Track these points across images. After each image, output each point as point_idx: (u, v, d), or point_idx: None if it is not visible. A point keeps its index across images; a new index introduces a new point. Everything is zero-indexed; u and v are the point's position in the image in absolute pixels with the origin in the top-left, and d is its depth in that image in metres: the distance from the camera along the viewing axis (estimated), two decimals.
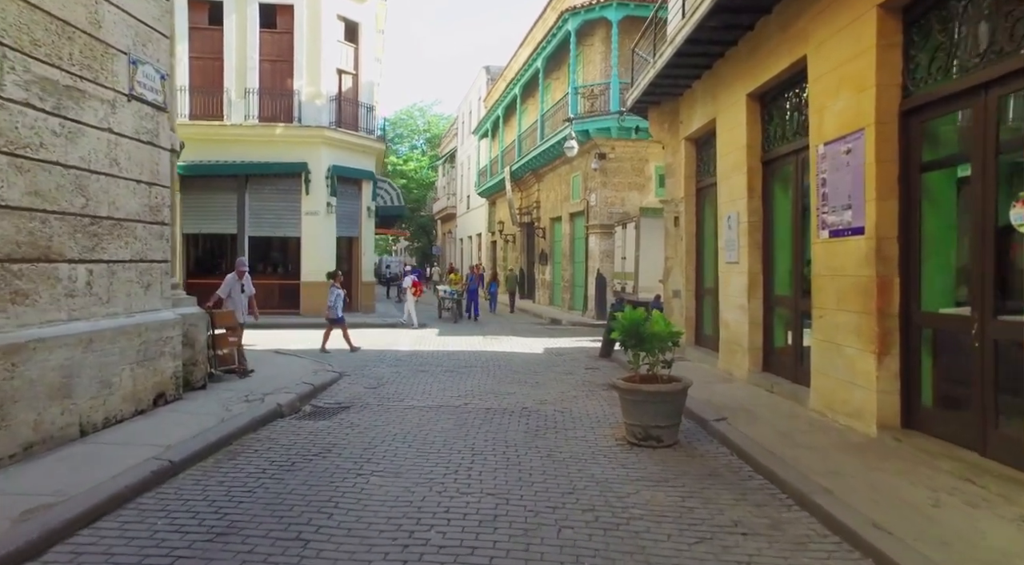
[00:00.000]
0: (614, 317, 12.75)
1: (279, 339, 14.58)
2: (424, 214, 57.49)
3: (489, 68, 38.90)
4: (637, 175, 19.04)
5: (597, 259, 19.26)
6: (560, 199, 22.78)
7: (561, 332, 17.16)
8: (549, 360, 12.11)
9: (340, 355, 12.01)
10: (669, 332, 6.12)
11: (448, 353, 12.78)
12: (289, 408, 7.50)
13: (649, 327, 6.18)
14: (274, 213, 18.94)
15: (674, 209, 12.06)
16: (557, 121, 21.13)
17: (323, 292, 18.26)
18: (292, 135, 18.68)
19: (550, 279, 24.37)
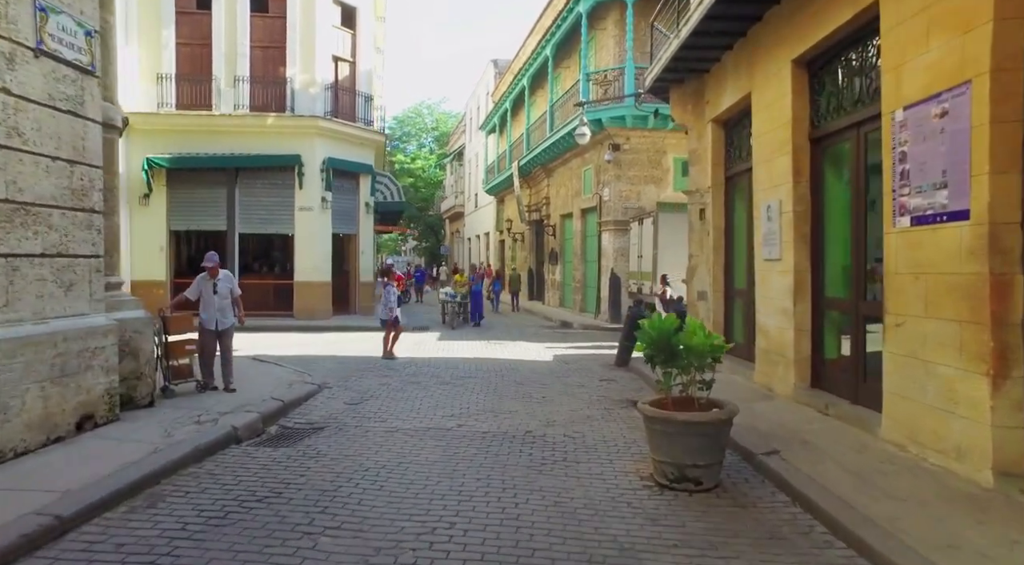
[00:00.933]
0: (636, 324, 11.48)
1: (267, 344, 13.39)
2: (432, 213, 56.39)
3: (497, 62, 37.67)
4: (654, 167, 17.72)
5: (611, 258, 17.95)
6: (571, 194, 21.50)
7: (572, 336, 15.87)
8: (558, 369, 10.84)
9: (355, 362, 10.80)
10: (710, 345, 4.83)
11: (446, 361, 11.53)
12: (248, 431, 6.27)
13: (684, 338, 4.89)
14: (266, 208, 17.78)
15: (699, 200, 10.75)
16: (567, 111, 19.84)
17: (317, 293, 17.12)
18: (284, 125, 17.51)
19: (560, 279, 23.09)
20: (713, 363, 4.92)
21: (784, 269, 7.55)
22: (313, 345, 13.61)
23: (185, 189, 17.49)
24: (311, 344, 13.81)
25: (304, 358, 11.54)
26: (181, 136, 17.09)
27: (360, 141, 19.04)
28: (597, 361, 11.81)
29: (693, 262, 10.90)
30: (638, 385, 9.46)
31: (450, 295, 18.02)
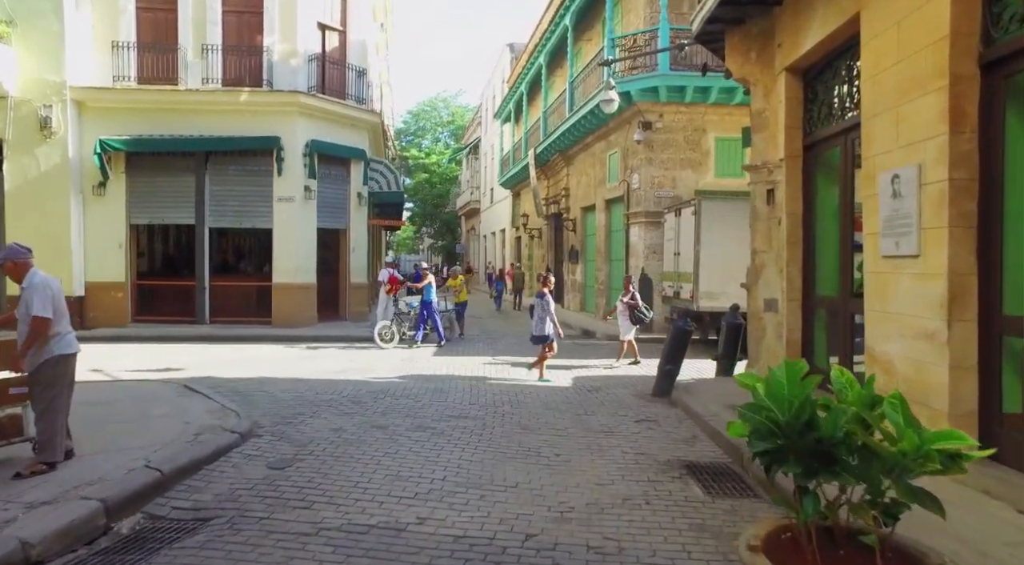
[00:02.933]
0: (680, 342, 8.83)
1: (226, 359, 11.06)
2: (448, 210, 54.04)
3: (513, 46, 35.10)
4: (692, 149, 15.03)
5: (640, 256, 15.30)
6: (594, 183, 18.86)
7: (595, 350, 13.25)
8: (579, 400, 8.26)
9: (319, 388, 8.32)
10: (936, 449, 2.20)
11: (435, 387, 8.99)
12: (61, 541, 3.79)
13: (864, 436, 2.28)
14: (240, 199, 15.41)
15: (766, 179, 8.09)
16: (589, 88, 17.23)
17: (299, 297, 14.71)
18: (260, 102, 15.12)
19: (581, 280, 20.46)
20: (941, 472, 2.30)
21: (926, 270, 4.90)
22: (281, 361, 11.19)
23: (147, 177, 15.19)
24: (280, 359, 11.40)
25: (255, 382, 9.11)
26: (141, 115, 14.78)
27: (351, 121, 16.59)
28: (628, 387, 9.22)
29: (758, 260, 8.24)
30: (689, 431, 6.85)
31: (410, 305, 14.08)
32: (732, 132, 14.85)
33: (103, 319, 14.87)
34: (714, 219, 12.08)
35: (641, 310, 11.10)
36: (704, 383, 8.84)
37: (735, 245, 11.77)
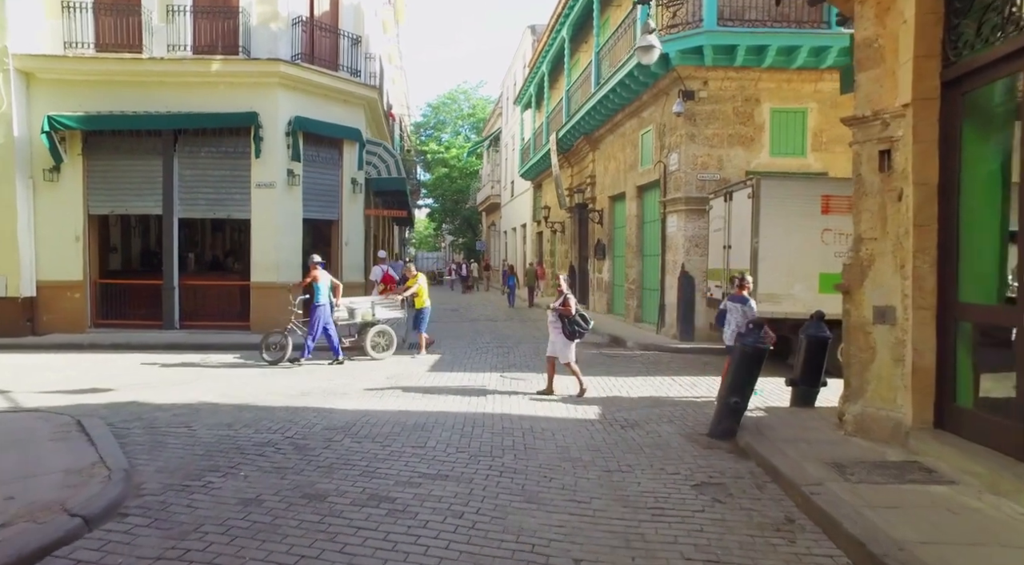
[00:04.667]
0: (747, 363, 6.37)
1: (172, 378, 8.90)
2: (469, 206, 51.96)
3: (535, 28, 32.82)
4: (743, 123, 12.58)
5: (680, 250, 12.91)
6: (623, 168, 16.49)
7: (627, 363, 10.91)
8: (609, 446, 5.97)
9: (264, 422, 6.16)
10: None
11: (416, 422, 6.73)
12: None
13: None
14: (213, 185, 13.35)
15: (877, 135, 5.69)
16: (619, 55, 14.86)
17: (280, 299, 12.57)
18: (235, 72, 13.04)
19: (609, 279, 18.09)
20: None
21: None
22: (241, 378, 9.08)
23: (107, 160, 13.20)
24: (241, 375, 9.29)
25: (187, 410, 7.00)
26: (99, 88, 12.79)
27: (343, 97, 14.45)
28: (675, 421, 6.90)
29: (864, 252, 5.83)
30: (778, 508, 4.51)
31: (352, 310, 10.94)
32: (791, 102, 12.43)
33: (58, 324, 12.94)
34: (777, 204, 9.66)
35: (576, 321, 8.08)
36: (779, 419, 6.47)
37: (803, 236, 9.43)
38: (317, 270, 10.33)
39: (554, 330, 8.27)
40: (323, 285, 10.29)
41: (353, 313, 10.79)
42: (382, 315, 11.02)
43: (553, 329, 8.28)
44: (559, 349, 8.21)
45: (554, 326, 8.25)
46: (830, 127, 12.30)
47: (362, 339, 10.89)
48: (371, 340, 10.83)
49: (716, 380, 9.25)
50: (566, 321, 8.12)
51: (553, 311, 8.25)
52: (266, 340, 10.50)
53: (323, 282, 10.30)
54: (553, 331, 8.28)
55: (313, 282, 10.22)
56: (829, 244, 9.55)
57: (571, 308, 8.11)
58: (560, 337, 8.20)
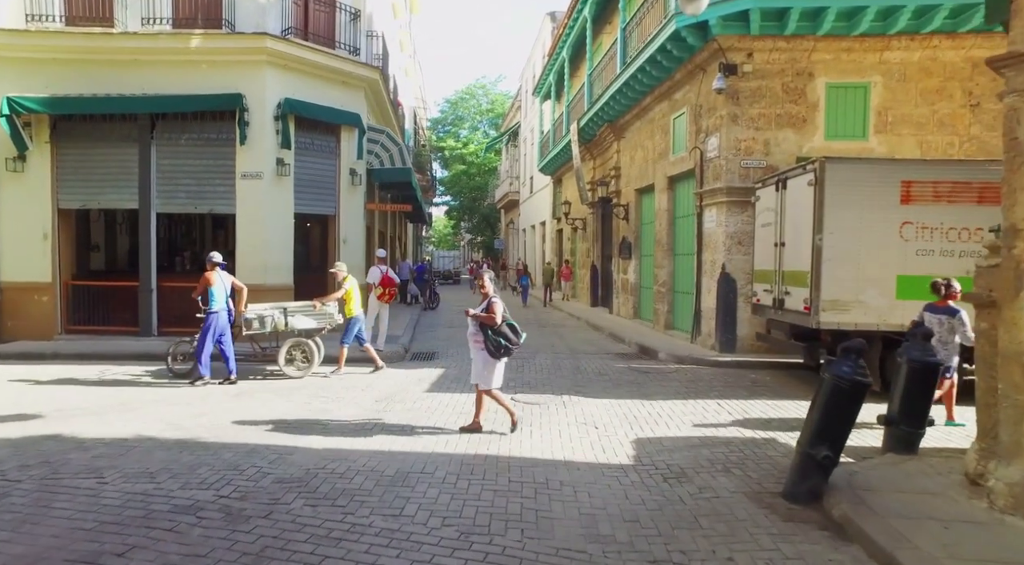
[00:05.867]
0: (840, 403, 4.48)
1: (128, 398, 7.46)
2: (487, 204, 50.53)
3: (555, 15, 31.22)
4: (793, 101, 10.89)
5: (720, 248, 11.26)
6: (652, 158, 14.85)
7: (661, 380, 9.29)
8: (656, 508, 4.45)
9: (197, 470, 4.73)
10: None
11: (392, 479, 5.20)
12: None
13: None
14: (195, 176, 11.98)
15: None
16: (647, 29, 13.22)
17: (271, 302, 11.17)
18: (218, 49, 11.65)
19: (635, 281, 16.45)
20: None
21: None
22: (205, 401, 7.63)
23: (78, 148, 11.90)
24: (205, 397, 7.86)
25: (113, 449, 5.62)
26: (68, 68, 11.48)
27: (341, 77, 12.99)
28: (733, 470, 5.31)
29: (1022, 250, 4.18)
30: None
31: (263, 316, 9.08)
32: (851, 75, 10.72)
33: (24, 330, 11.69)
34: (846, 192, 7.99)
35: (504, 333, 6.20)
36: (878, 473, 4.82)
37: (878, 231, 7.79)
38: (214, 271, 8.68)
39: (474, 345, 6.37)
40: (218, 289, 8.61)
41: (263, 322, 8.97)
42: (300, 325, 9.13)
43: (473, 344, 6.39)
44: (478, 371, 6.37)
45: (474, 339, 6.35)
46: (897, 104, 10.58)
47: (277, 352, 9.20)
48: (284, 354, 9.11)
49: (772, 406, 7.65)
50: (489, 333, 6.20)
51: (473, 319, 6.30)
52: (175, 349, 9.09)
53: (218, 286, 8.62)
54: (473, 346, 6.39)
55: (206, 286, 8.58)
56: (909, 241, 7.86)
57: (496, 316, 6.19)
58: (481, 355, 6.30)
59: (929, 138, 10.53)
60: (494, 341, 6.18)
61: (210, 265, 8.77)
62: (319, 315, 9.30)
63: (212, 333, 8.59)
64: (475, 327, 6.31)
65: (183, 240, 18.05)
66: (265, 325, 8.95)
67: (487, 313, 6.23)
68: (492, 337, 6.18)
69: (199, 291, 8.62)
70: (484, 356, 6.27)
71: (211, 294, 8.58)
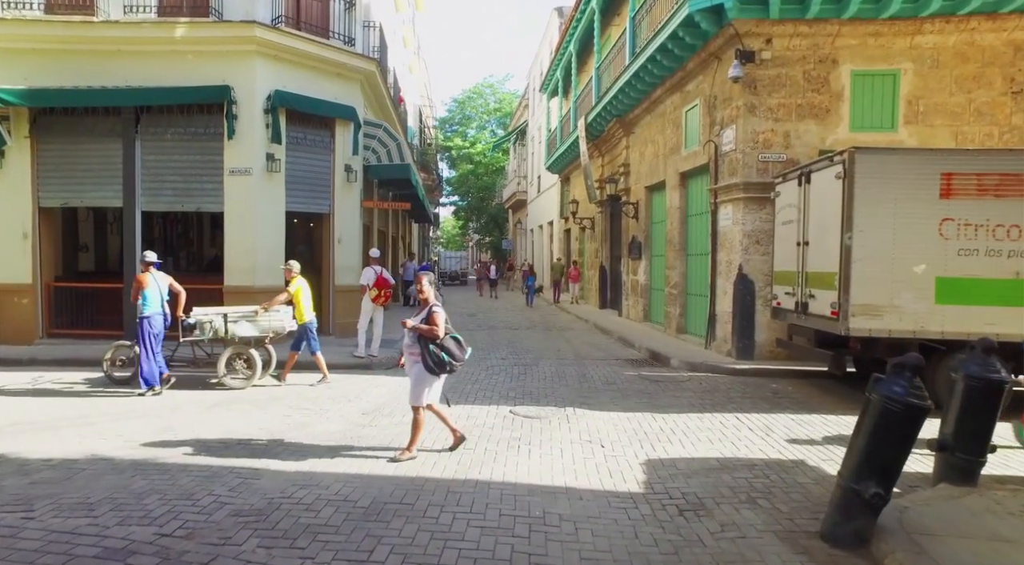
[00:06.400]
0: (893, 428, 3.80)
1: (92, 411, 6.83)
2: (495, 204, 49.96)
3: (562, 10, 30.62)
4: (816, 90, 10.16)
5: (736, 247, 10.55)
6: (663, 153, 14.14)
7: (674, 390, 8.58)
8: (671, 552, 3.76)
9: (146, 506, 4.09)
10: None
11: (365, 513, 4.53)
12: None
13: None
14: (181, 172, 11.40)
15: None
16: (658, 16, 12.52)
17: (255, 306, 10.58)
18: (205, 38, 11.05)
19: (645, 282, 15.73)
20: None
21: None
22: (176, 413, 7.03)
23: (60, 143, 11.35)
24: (178, 408, 7.24)
25: (59, 471, 4.97)
26: (48, 58, 10.94)
27: (335, 69, 12.37)
28: (758, 500, 4.62)
29: None
30: None
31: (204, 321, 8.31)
32: (879, 62, 9.98)
33: (4, 333, 11.13)
34: (879, 186, 7.26)
35: (447, 348, 5.42)
36: (935, 510, 4.10)
37: (915, 228, 7.09)
38: (147, 272, 8.02)
39: (410, 359, 5.54)
40: (152, 292, 7.93)
41: (202, 328, 8.23)
42: (242, 332, 8.34)
43: (409, 357, 5.55)
44: (412, 387, 5.52)
45: (410, 352, 5.53)
46: (930, 93, 9.83)
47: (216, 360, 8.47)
48: (224, 363, 8.35)
49: (796, 421, 6.91)
50: (431, 347, 5.39)
51: (411, 331, 5.46)
52: (113, 354, 8.46)
53: (151, 288, 7.92)
54: (409, 359, 5.56)
55: (139, 288, 7.90)
56: (950, 239, 7.12)
57: (439, 327, 5.41)
58: (417, 369, 5.48)
59: (965, 129, 9.76)
60: (435, 356, 5.38)
61: (143, 265, 8.12)
62: (264, 322, 8.45)
63: (149, 340, 7.88)
64: (412, 339, 5.49)
65: (180, 240, 17.54)
66: (205, 331, 8.25)
67: (428, 324, 5.44)
68: (433, 352, 5.38)
69: (133, 294, 7.99)
70: (420, 371, 5.45)
71: (144, 297, 7.89)
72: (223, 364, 8.37)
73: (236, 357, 8.45)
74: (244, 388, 8.34)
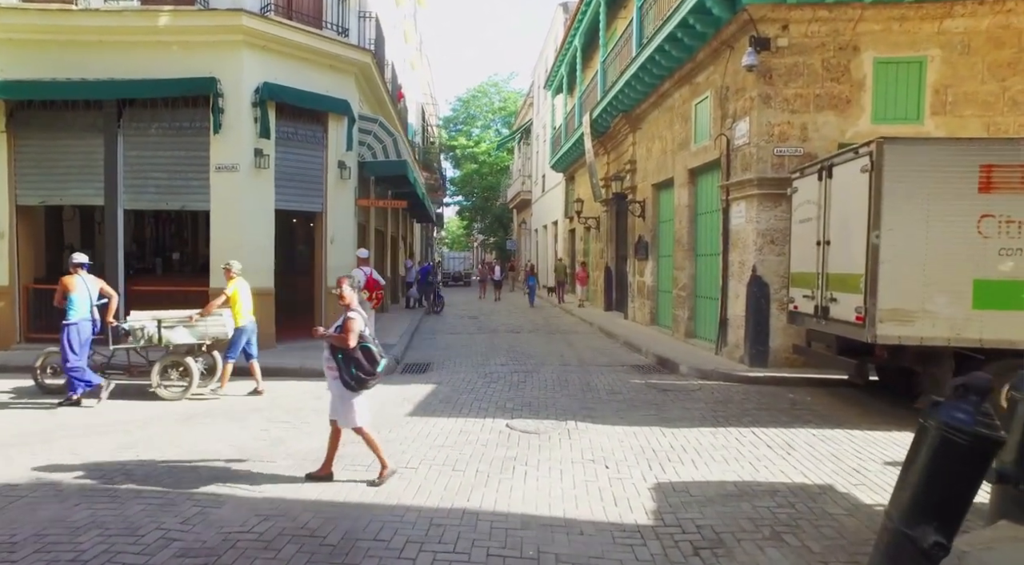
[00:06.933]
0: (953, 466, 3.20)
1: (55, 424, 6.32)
2: (500, 204, 49.44)
3: (567, 5, 30.01)
4: (835, 79, 9.53)
5: (749, 247, 9.93)
6: (671, 149, 13.52)
7: (684, 401, 7.98)
8: None
9: None
10: None
11: (338, 550, 3.98)
12: None
13: None
14: (165, 169, 10.87)
15: None
16: (665, 7, 11.91)
17: None
18: (189, 27, 10.52)
19: (652, 283, 15.11)
20: None
21: None
22: (144, 428, 6.46)
23: (38, 138, 10.84)
24: (146, 422, 6.70)
25: None
26: (25, 49, 10.44)
27: (328, 60, 11.82)
28: (785, 535, 4.04)
29: None
30: None
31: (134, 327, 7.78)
32: (903, 49, 9.35)
33: None
34: (910, 179, 6.64)
35: (358, 361, 4.76)
36: (1005, 559, 3.50)
37: (950, 226, 6.51)
38: (75, 274, 7.49)
39: (329, 373, 4.94)
40: (78, 296, 7.37)
41: (135, 334, 7.64)
42: (178, 338, 7.75)
43: (327, 370, 4.95)
44: (337, 406, 4.93)
45: (327, 365, 4.93)
46: (959, 81, 9.18)
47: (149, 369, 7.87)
48: (157, 372, 7.73)
49: (819, 436, 6.26)
50: (339, 358, 4.80)
51: (327, 343, 4.85)
52: (44, 361, 7.91)
53: (79, 292, 7.35)
54: (328, 373, 4.95)
55: (64, 292, 7.37)
56: (990, 238, 6.49)
57: (350, 338, 4.73)
58: (336, 386, 4.88)
59: (999, 120, 9.10)
60: (347, 372, 4.77)
61: (72, 267, 7.56)
62: (201, 328, 7.82)
63: (74, 348, 7.28)
64: (328, 350, 4.88)
65: (174, 240, 17.05)
66: (137, 338, 7.64)
67: (342, 335, 4.76)
68: (344, 364, 4.77)
69: (58, 298, 7.41)
70: (339, 387, 4.84)
71: (71, 302, 7.32)
72: (156, 374, 7.75)
73: (171, 366, 7.83)
74: (178, 400, 7.70)
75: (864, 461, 5.60)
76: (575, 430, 6.54)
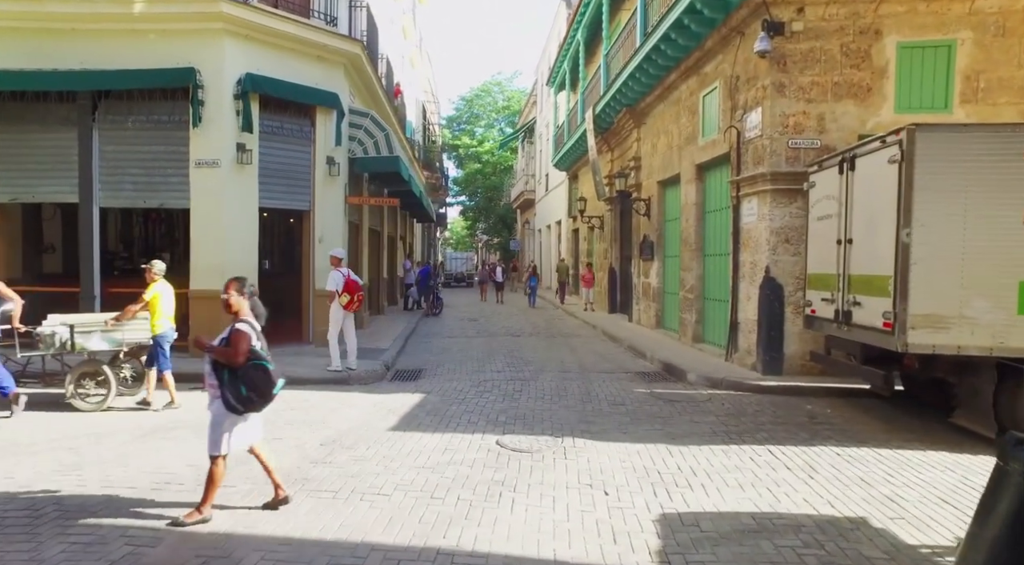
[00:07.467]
0: None
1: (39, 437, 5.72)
2: (504, 203, 48.86)
3: (570, 0, 29.41)
4: (855, 65, 8.86)
5: (762, 247, 9.27)
6: (677, 143, 12.87)
7: (693, 413, 7.33)
8: None
9: None
10: None
11: None
12: None
13: None
14: (143, 165, 10.31)
15: None
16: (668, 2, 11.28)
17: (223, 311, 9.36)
18: (167, 15, 9.95)
19: (658, 285, 14.45)
20: None
21: None
22: (93, 446, 5.85)
23: (8, 133, 10.30)
24: (96, 440, 6.09)
25: None
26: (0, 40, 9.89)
27: (316, 51, 11.24)
28: None
29: None
30: None
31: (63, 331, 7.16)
32: (930, 32, 8.68)
33: None
34: (944, 171, 5.99)
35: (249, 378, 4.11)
36: None
37: (990, 222, 5.86)
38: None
39: (210, 392, 4.26)
40: None
41: (45, 340, 7.04)
42: (94, 345, 7.18)
43: (209, 389, 4.26)
44: (209, 430, 4.22)
45: (208, 383, 4.25)
46: (993, 66, 8.51)
47: None
48: (72, 381, 7.12)
49: (845, 456, 5.50)
50: (226, 377, 4.12)
51: (209, 358, 4.17)
52: None
53: None
54: (209, 392, 4.27)
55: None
56: None
57: (238, 354, 4.08)
58: (216, 406, 4.20)
59: None
60: (233, 389, 4.10)
61: None
62: (118, 334, 7.25)
63: None
64: (210, 365, 4.18)
65: (164, 240, 16.50)
66: (47, 344, 7.04)
67: (229, 349, 4.09)
68: (230, 382, 4.11)
69: None
70: (219, 408, 4.16)
71: None
72: (71, 383, 7.13)
73: (87, 375, 7.22)
74: (95, 411, 7.09)
75: (898, 487, 4.95)
76: (572, 448, 5.90)
